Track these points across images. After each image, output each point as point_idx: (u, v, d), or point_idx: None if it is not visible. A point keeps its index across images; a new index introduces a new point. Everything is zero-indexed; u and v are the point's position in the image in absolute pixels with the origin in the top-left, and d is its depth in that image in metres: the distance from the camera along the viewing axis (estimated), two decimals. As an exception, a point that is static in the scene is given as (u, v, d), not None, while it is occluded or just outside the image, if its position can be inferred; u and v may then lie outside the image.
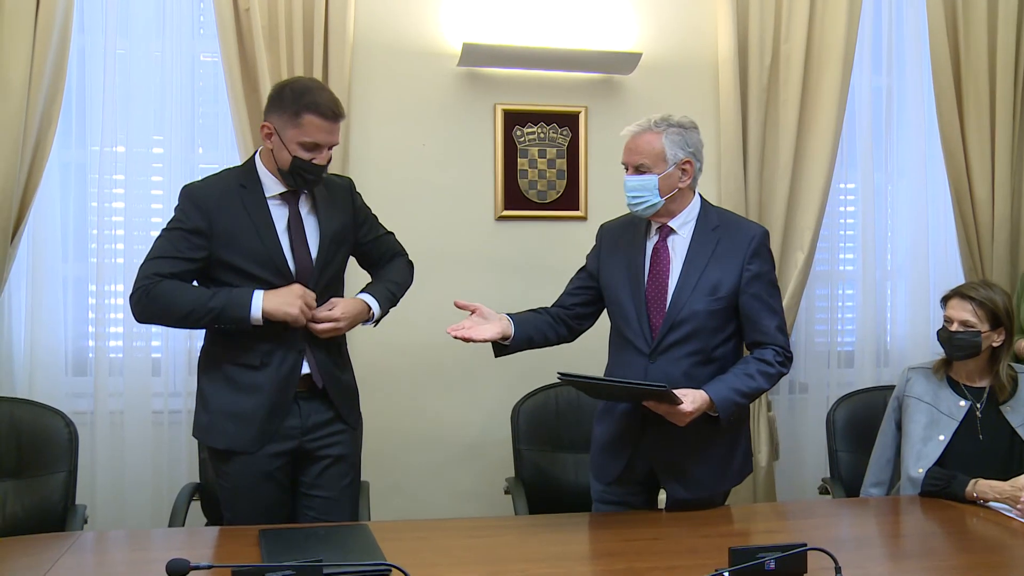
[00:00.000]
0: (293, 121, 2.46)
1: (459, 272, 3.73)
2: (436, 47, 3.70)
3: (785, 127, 3.87)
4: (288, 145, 2.47)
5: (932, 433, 2.86)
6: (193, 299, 2.45)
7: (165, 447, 3.48)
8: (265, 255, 2.52)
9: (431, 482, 3.68)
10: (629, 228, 2.73)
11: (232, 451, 2.55)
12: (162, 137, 3.49)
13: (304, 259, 2.57)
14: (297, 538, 2.26)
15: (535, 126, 3.79)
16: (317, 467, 2.64)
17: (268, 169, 2.57)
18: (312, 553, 2.07)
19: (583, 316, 2.79)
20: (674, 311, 2.58)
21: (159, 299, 2.44)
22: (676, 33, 3.90)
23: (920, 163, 4.12)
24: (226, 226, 2.50)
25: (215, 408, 2.57)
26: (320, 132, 2.48)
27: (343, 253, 2.72)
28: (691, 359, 2.58)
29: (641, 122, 2.61)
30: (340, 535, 2.33)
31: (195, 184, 2.59)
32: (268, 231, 2.53)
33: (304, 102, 2.46)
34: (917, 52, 4.07)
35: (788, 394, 4.14)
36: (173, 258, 2.48)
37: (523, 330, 2.62)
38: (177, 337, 3.50)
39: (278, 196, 2.57)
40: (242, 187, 2.54)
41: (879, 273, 4.14)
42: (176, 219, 2.52)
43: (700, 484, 2.64)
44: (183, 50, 3.49)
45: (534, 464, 3.27)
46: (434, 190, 3.72)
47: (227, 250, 2.50)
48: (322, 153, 2.50)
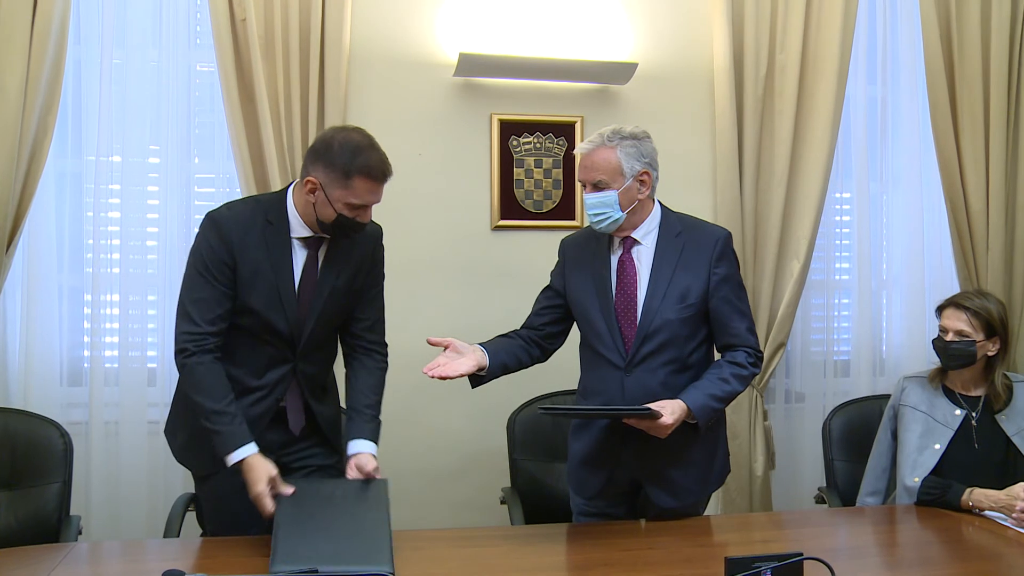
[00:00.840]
0: (342, 182, 2.41)
1: (455, 281, 3.72)
2: (432, 57, 3.70)
3: (781, 137, 3.88)
4: (334, 204, 2.43)
5: (928, 442, 2.87)
6: (208, 405, 2.40)
7: (160, 457, 3.41)
8: (276, 298, 2.49)
9: (428, 492, 3.66)
10: (592, 242, 2.71)
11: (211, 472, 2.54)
12: (158, 147, 3.49)
13: (304, 307, 2.54)
14: (313, 501, 2.34)
15: (531, 136, 3.79)
16: (297, 476, 2.60)
17: (298, 211, 2.52)
18: (326, 523, 2.22)
19: (554, 335, 2.77)
20: (646, 322, 2.58)
21: (192, 378, 2.43)
22: (672, 43, 3.91)
23: (915, 173, 4.13)
24: (247, 264, 2.47)
25: (187, 431, 2.56)
26: (369, 195, 2.44)
27: (345, 308, 2.65)
28: (667, 368, 2.59)
29: (593, 138, 2.58)
30: (356, 497, 2.41)
31: (221, 213, 2.52)
32: (285, 274, 2.51)
33: (356, 164, 2.40)
34: (912, 62, 4.08)
35: (784, 403, 4.14)
36: (216, 300, 2.46)
37: (497, 359, 2.59)
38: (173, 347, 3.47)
39: (301, 240, 2.54)
40: (268, 223, 2.50)
41: (875, 282, 4.14)
42: (205, 252, 2.47)
43: (686, 490, 2.65)
44: (179, 60, 3.48)
45: (529, 474, 3.26)
46: (431, 200, 3.72)
47: (243, 288, 2.48)
48: (367, 213, 2.49)
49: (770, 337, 3.89)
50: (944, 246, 4.13)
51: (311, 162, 2.45)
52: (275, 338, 2.52)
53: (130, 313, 3.45)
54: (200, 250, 2.48)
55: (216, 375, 2.44)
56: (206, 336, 2.44)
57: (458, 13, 3.69)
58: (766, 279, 3.90)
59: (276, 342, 2.53)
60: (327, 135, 2.49)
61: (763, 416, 3.94)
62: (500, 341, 2.68)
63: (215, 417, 2.39)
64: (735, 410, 3.89)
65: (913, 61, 4.07)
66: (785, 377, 4.14)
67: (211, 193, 3.55)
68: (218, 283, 2.45)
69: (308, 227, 2.52)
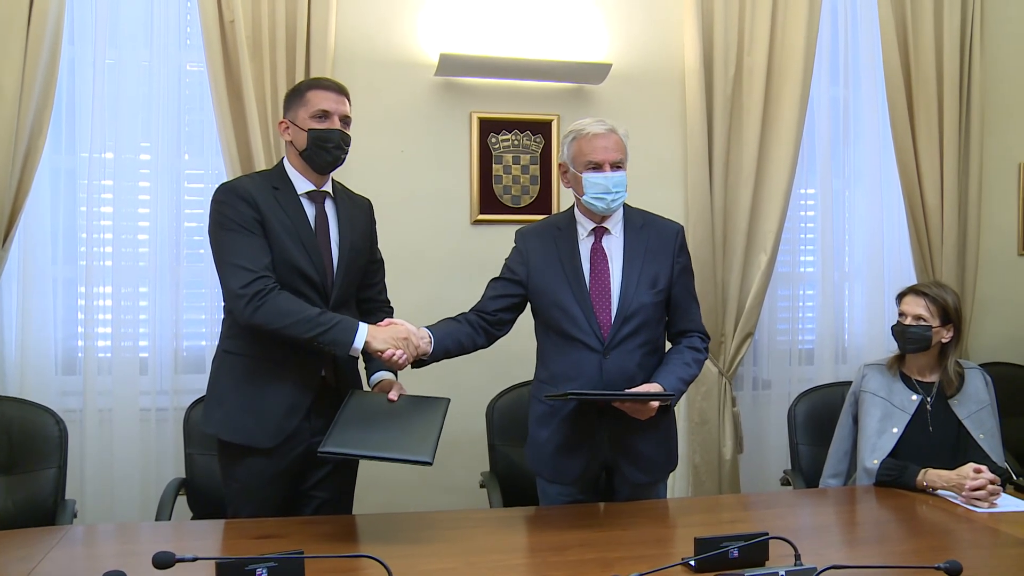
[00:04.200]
0: (300, 102, 2.53)
1: (436, 274, 3.73)
2: (414, 58, 3.70)
3: (749, 136, 3.90)
4: (302, 124, 2.51)
5: (886, 426, 2.90)
6: (308, 313, 2.40)
7: (152, 444, 3.46)
8: (301, 247, 2.50)
9: (410, 477, 3.57)
10: (556, 233, 2.71)
11: (248, 448, 2.50)
12: (149, 144, 3.48)
13: (327, 257, 2.56)
14: (376, 405, 2.49)
15: (509, 133, 3.80)
16: (322, 471, 2.61)
17: (295, 168, 2.58)
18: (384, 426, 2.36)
19: (504, 323, 2.73)
20: (624, 306, 2.60)
21: (277, 308, 2.40)
22: (645, 45, 3.92)
23: (875, 170, 4.16)
24: (270, 220, 2.48)
25: (232, 403, 2.52)
26: (326, 101, 2.52)
27: (360, 265, 2.68)
28: (642, 350, 2.63)
29: (599, 123, 2.62)
30: (417, 406, 2.52)
31: (231, 183, 2.57)
32: (304, 227, 2.53)
33: (307, 83, 2.58)
34: (871, 65, 4.11)
35: (752, 390, 4.17)
36: (262, 248, 2.45)
37: (441, 345, 2.56)
38: (164, 336, 3.49)
39: (306, 195, 2.57)
40: (275, 188, 2.53)
41: (837, 274, 4.17)
42: (232, 215, 2.46)
43: (657, 465, 2.70)
44: (170, 60, 3.48)
45: (508, 459, 3.25)
46: (412, 195, 3.72)
47: (272, 240, 2.48)
48: (333, 120, 2.52)
49: (738, 327, 3.92)
50: (902, 240, 4.17)
51: (284, 114, 2.61)
52: (310, 288, 2.51)
53: (122, 304, 3.44)
54: (225, 215, 2.47)
55: (296, 299, 2.43)
56: (267, 277, 2.42)
57: (439, 15, 3.69)
58: (735, 271, 3.92)
59: (310, 293, 2.51)
60: None
61: (732, 402, 3.97)
62: (448, 326, 2.64)
63: (321, 318, 2.39)
64: (705, 396, 3.94)
65: (873, 63, 4.11)
66: (753, 365, 4.17)
67: (200, 188, 3.55)
68: (256, 235, 2.45)
69: (308, 180, 2.57)
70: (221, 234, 2.47)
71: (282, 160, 2.63)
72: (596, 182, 2.58)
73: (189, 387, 3.45)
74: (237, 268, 2.42)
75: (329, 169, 2.59)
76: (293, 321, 2.38)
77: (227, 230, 2.46)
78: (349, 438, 2.30)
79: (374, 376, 2.70)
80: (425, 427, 2.39)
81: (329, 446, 2.26)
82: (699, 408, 3.96)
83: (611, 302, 2.62)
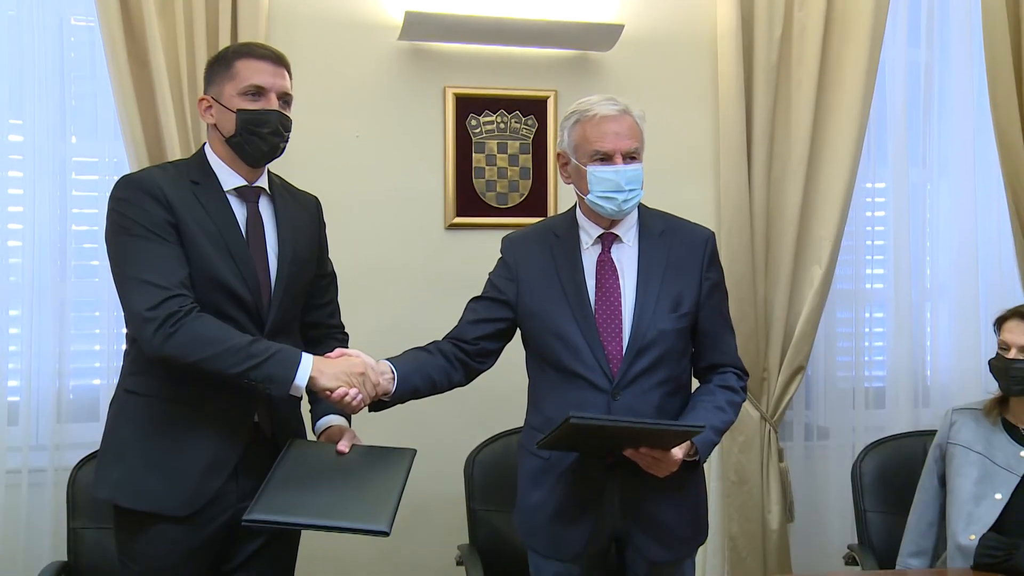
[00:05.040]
0: (227, 74, 2.47)
1: (401, 293, 3.68)
2: (372, 17, 3.63)
3: (799, 115, 3.82)
4: (228, 103, 2.45)
5: (986, 490, 2.84)
6: (236, 341, 2.32)
7: (22, 516, 3.30)
8: (229, 258, 2.44)
9: (366, 551, 3.51)
10: (553, 240, 2.71)
11: (154, 516, 2.39)
12: (21, 122, 3.34)
13: (262, 270, 2.51)
14: (321, 458, 2.46)
15: (494, 114, 3.76)
16: (252, 544, 2.53)
17: (221, 158, 2.52)
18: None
19: (487, 354, 2.69)
20: (638, 334, 2.55)
21: (198, 333, 2.32)
22: (666, 1, 3.87)
23: (967, 157, 4.07)
24: (187, 223, 2.40)
25: (135, 458, 2.42)
26: (259, 73, 2.46)
27: (305, 281, 2.64)
28: (662, 390, 2.57)
29: (609, 102, 2.58)
30: (373, 459, 2.51)
31: (135, 174, 2.50)
32: (232, 233, 2.46)
33: (233, 50, 2.52)
34: (965, 18, 4.01)
35: (804, 440, 4.13)
36: (177, 259, 2.37)
37: (408, 382, 2.52)
38: (43, 374, 3.34)
39: (235, 191, 2.51)
40: (194, 183, 2.47)
41: (916, 292, 4.10)
42: (137, 216, 2.37)
43: (680, 539, 2.64)
44: (46, 9, 3.33)
45: (492, 528, 3.25)
46: (372, 193, 3.66)
47: (191, 250, 2.41)
48: (269, 98, 2.46)
49: (786, 359, 3.87)
50: (1004, 247, 4.09)
51: (204, 88, 2.55)
52: (239, 310, 2.45)
53: None
54: (128, 216, 2.38)
55: (220, 324, 2.36)
56: (182, 296, 2.34)
57: (403, -39, 3.66)
58: (780, 288, 3.86)
59: (240, 316, 2.45)
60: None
61: (778, 456, 3.91)
62: (415, 358, 2.60)
63: (253, 348, 2.32)
64: (744, 449, 3.89)
65: (967, 16, 4.00)
66: (805, 409, 4.12)
67: (93, 181, 3.43)
68: (170, 243, 2.38)
69: (238, 173, 2.52)
70: (123, 241, 2.39)
71: (203, 147, 2.57)
72: (604, 177, 2.53)
73: (76, 440, 3.32)
74: (144, 284, 2.33)
75: (265, 160, 2.53)
76: (216, 352, 2.29)
77: (131, 236, 2.37)
78: (284, 501, 2.26)
79: (321, 421, 2.66)
80: (382, 486, 2.37)
81: (257, 512, 2.22)
82: (736, 463, 3.89)
83: (622, 329, 2.58)
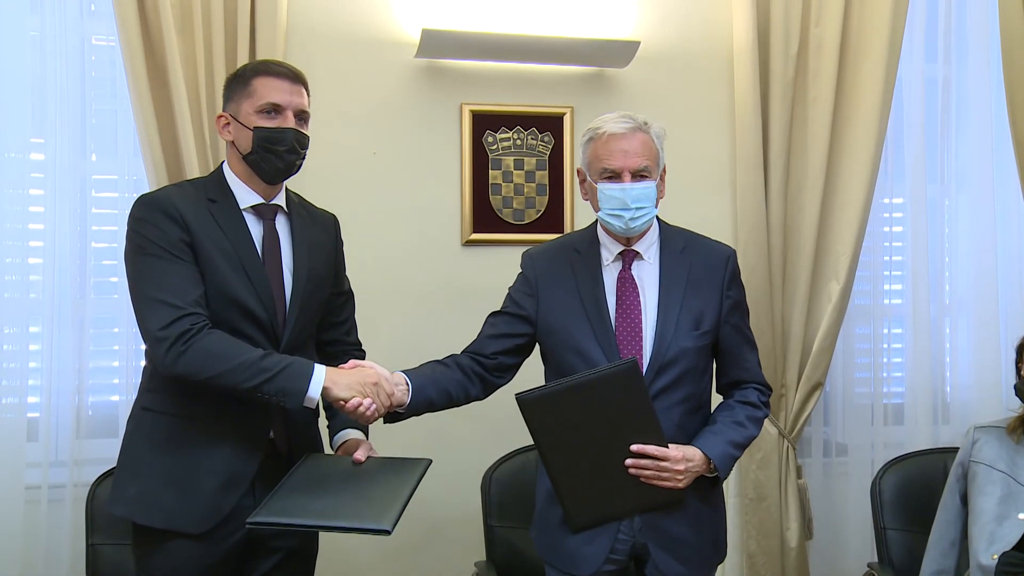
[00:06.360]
0: (244, 93, 2.48)
1: (418, 309, 3.67)
2: (389, 34, 3.65)
3: (815, 130, 3.83)
4: (246, 121, 2.47)
5: (1009, 510, 2.81)
6: (248, 357, 2.32)
7: (42, 532, 3.30)
8: (244, 282, 2.44)
9: (384, 569, 3.57)
10: (573, 257, 2.69)
11: (171, 533, 2.39)
12: (43, 140, 3.36)
13: (277, 287, 2.51)
14: (335, 468, 2.46)
15: (510, 131, 3.76)
16: (267, 562, 2.52)
17: (238, 175, 2.53)
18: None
19: (505, 368, 2.69)
20: (660, 351, 2.54)
21: (211, 350, 2.32)
22: (682, 17, 3.89)
23: (986, 171, 4.07)
24: (204, 242, 2.42)
25: (152, 475, 2.42)
26: (275, 92, 2.47)
27: (321, 299, 2.64)
28: (683, 407, 2.56)
29: (621, 119, 2.58)
30: (386, 467, 2.49)
31: (152, 194, 2.50)
32: (248, 251, 2.47)
33: (251, 68, 2.53)
34: (983, 33, 4.02)
35: (823, 457, 4.11)
36: (192, 279, 2.38)
37: (423, 394, 2.51)
38: (63, 391, 3.35)
39: (252, 209, 2.52)
40: (211, 201, 2.48)
41: (935, 308, 4.09)
42: (154, 236, 2.38)
43: (700, 555, 2.62)
44: (68, 31, 3.35)
45: (509, 544, 3.23)
46: (388, 209, 3.66)
47: (206, 268, 2.42)
48: (286, 116, 2.48)
49: (804, 376, 3.85)
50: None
51: (223, 106, 2.56)
52: (254, 328, 2.45)
53: (5, 349, 3.31)
54: (145, 235, 2.39)
55: (232, 339, 2.37)
56: (195, 315, 2.34)
57: (421, -20, 3.66)
58: (798, 304, 3.85)
59: (255, 334, 2.45)
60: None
61: (796, 473, 3.90)
62: (433, 371, 2.59)
63: (265, 362, 2.31)
64: (762, 465, 3.88)
65: (984, 32, 4.01)
66: (823, 425, 4.10)
67: (113, 199, 3.44)
68: (185, 263, 2.39)
69: (255, 191, 2.53)
70: (140, 260, 2.40)
71: (221, 165, 2.58)
72: (611, 195, 2.54)
73: (95, 456, 3.31)
74: (157, 304, 2.34)
75: (281, 177, 2.54)
76: (228, 368, 2.29)
77: (146, 255, 2.38)
78: (289, 505, 2.27)
79: (339, 435, 2.67)
80: (390, 489, 2.36)
81: (261, 515, 2.23)
82: (754, 480, 3.88)
83: (643, 346, 2.57)
